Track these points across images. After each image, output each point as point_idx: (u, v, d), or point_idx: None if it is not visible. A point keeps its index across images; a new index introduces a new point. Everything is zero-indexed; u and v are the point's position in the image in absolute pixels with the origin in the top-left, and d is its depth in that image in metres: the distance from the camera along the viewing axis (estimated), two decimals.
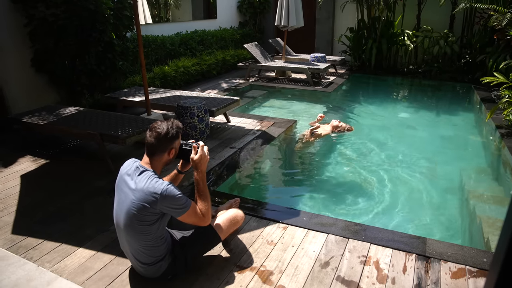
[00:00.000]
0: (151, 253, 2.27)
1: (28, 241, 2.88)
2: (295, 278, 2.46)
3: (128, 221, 2.18)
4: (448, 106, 7.56)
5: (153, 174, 2.22)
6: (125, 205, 2.19)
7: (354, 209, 3.73)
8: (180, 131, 2.32)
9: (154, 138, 2.22)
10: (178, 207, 2.18)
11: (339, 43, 10.83)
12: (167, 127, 2.25)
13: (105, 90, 6.33)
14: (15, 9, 5.29)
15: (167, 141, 2.25)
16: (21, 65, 5.51)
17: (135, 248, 2.27)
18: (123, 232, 2.26)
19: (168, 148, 2.28)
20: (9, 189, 3.72)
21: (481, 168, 4.66)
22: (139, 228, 2.18)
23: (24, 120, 4.60)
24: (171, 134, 2.25)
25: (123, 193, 2.24)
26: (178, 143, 2.34)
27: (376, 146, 5.18)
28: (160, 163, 2.30)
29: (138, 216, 2.14)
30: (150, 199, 2.11)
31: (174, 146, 2.31)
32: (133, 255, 2.32)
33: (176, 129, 2.28)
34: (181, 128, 2.35)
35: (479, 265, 2.54)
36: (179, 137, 2.32)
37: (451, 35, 9.16)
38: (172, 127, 2.27)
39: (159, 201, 2.11)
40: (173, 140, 2.27)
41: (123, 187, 2.25)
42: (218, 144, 4.83)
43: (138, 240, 2.22)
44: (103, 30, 5.82)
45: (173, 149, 2.31)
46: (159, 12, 9.87)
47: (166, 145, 2.26)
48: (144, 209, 2.12)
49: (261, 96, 8.05)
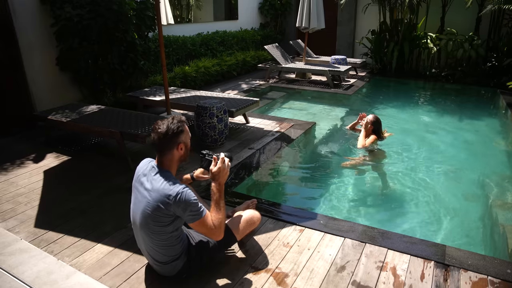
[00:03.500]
0: (166, 252, 2.29)
1: (50, 235, 2.95)
2: (310, 281, 2.44)
3: (144, 221, 2.21)
4: (472, 111, 7.35)
5: (169, 174, 2.22)
6: (141, 205, 2.22)
7: (372, 214, 3.68)
8: (182, 125, 2.26)
9: (157, 138, 2.20)
10: (191, 213, 2.15)
11: (360, 45, 10.71)
12: (167, 124, 2.21)
13: (127, 89, 6.45)
14: (43, 10, 5.46)
15: (171, 138, 2.21)
16: (47, 64, 5.67)
17: (150, 246, 2.30)
18: (139, 230, 2.29)
19: (175, 144, 2.23)
20: (32, 184, 3.82)
21: (505, 175, 4.51)
22: (154, 228, 2.20)
23: (48, 117, 4.73)
24: (173, 131, 2.20)
25: (139, 193, 2.26)
26: (186, 136, 2.29)
27: (397, 150, 5.09)
28: (172, 161, 2.27)
29: (153, 217, 2.16)
30: (165, 201, 2.11)
31: (181, 141, 2.25)
32: (148, 253, 2.35)
33: (177, 124, 2.23)
34: (184, 121, 2.29)
35: (502, 276, 2.46)
36: (183, 130, 2.26)
37: (476, 38, 8.92)
38: (173, 122, 2.22)
39: (174, 204, 2.11)
40: (177, 136, 2.22)
41: (139, 187, 2.27)
42: (236, 144, 4.85)
43: (153, 239, 2.24)
44: (126, 30, 5.93)
45: (181, 143, 2.26)
46: (181, 12, 9.98)
47: (171, 142, 2.21)
48: (159, 210, 2.13)
49: (281, 98, 8.03)
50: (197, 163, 2.55)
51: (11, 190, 3.69)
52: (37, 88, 5.60)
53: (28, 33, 5.37)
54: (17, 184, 3.83)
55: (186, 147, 2.31)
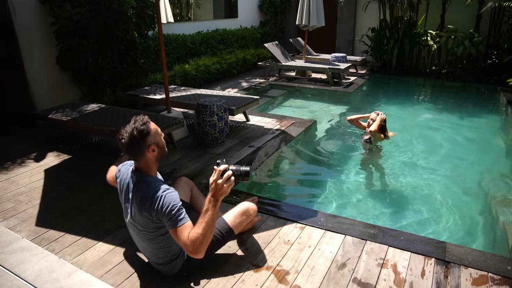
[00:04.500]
0: (164, 254, 2.29)
1: (51, 234, 2.96)
2: (311, 278, 2.45)
3: (135, 228, 2.22)
4: (472, 108, 7.36)
5: (149, 180, 2.15)
6: (128, 211, 2.22)
7: (372, 211, 3.68)
8: (146, 127, 2.10)
9: (124, 148, 2.11)
10: (167, 218, 2.03)
11: (360, 43, 10.70)
12: (130, 131, 2.07)
13: (127, 87, 6.44)
14: (43, 9, 5.45)
15: (138, 144, 2.09)
16: (47, 63, 5.67)
17: (147, 249, 2.31)
18: (134, 234, 2.31)
19: (145, 148, 2.12)
20: (33, 183, 3.83)
21: (506, 172, 4.51)
22: (147, 235, 2.20)
23: (49, 116, 4.73)
24: (136, 138, 2.07)
25: (124, 204, 2.26)
26: (155, 137, 2.15)
27: (397, 148, 5.09)
28: (148, 164, 2.19)
29: (142, 225, 2.16)
30: (147, 208, 2.07)
31: (150, 143, 2.12)
32: (147, 255, 2.37)
33: (140, 128, 2.08)
34: (147, 121, 2.13)
35: (502, 273, 2.46)
36: (149, 133, 2.11)
37: (476, 35, 8.90)
38: (135, 127, 2.08)
39: (155, 210, 2.05)
40: (143, 140, 2.09)
41: (124, 197, 2.26)
42: (237, 142, 4.85)
43: (148, 243, 2.26)
44: (126, 29, 5.93)
45: (151, 145, 2.13)
46: (180, 11, 9.97)
47: (139, 147, 2.10)
48: (145, 218, 2.11)
49: (281, 96, 8.03)
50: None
51: (12, 189, 3.70)
52: (37, 87, 5.60)
53: (28, 32, 5.37)
54: (18, 183, 3.83)
55: (158, 146, 2.19)
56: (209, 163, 4.20)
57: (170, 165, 4.17)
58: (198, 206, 2.92)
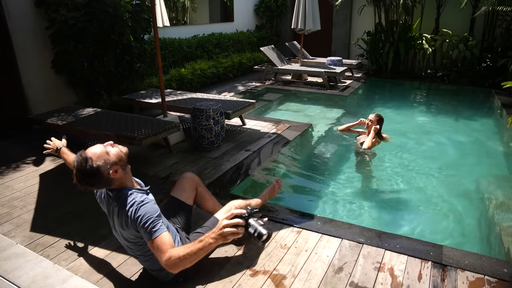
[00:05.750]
0: (156, 262, 2.25)
1: (46, 239, 2.93)
2: (308, 283, 2.44)
3: (121, 239, 2.23)
4: (468, 111, 7.39)
5: (123, 193, 2.09)
6: (112, 225, 2.24)
7: (369, 214, 3.68)
8: (88, 165, 1.97)
9: (89, 188, 2.06)
10: (143, 229, 1.98)
11: (356, 46, 10.75)
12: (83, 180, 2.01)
13: (123, 91, 6.43)
14: (38, 12, 5.43)
15: (99, 182, 2.04)
16: (42, 67, 5.64)
17: (139, 257, 2.31)
18: (125, 246, 2.32)
19: (106, 177, 2.02)
20: (28, 188, 3.80)
21: (502, 175, 4.54)
22: (134, 248, 2.21)
23: (45, 121, 4.71)
24: (91, 181, 2.01)
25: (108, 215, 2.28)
26: (106, 162, 2.02)
27: (393, 152, 5.10)
28: (120, 181, 2.13)
29: (125, 238, 2.17)
30: (124, 222, 2.06)
31: (107, 170, 2.02)
32: (141, 263, 2.37)
33: (87, 170, 1.97)
34: (86, 158, 1.99)
35: (498, 276, 2.47)
36: (98, 168, 1.99)
37: (471, 39, 8.98)
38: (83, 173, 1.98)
39: (131, 222, 2.02)
40: (98, 175, 2.00)
41: (106, 209, 2.27)
42: (233, 146, 4.84)
43: (138, 253, 2.26)
44: (122, 33, 5.92)
45: (110, 171, 2.03)
46: (176, 15, 9.99)
47: (101, 180, 2.03)
48: (126, 231, 2.11)
49: (277, 99, 8.04)
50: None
51: (7, 194, 3.67)
52: (33, 91, 5.57)
53: (23, 36, 5.34)
54: (13, 188, 3.80)
55: (118, 164, 2.07)
56: (205, 167, 4.19)
57: (166, 169, 4.16)
58: (205, 205, 2.92)
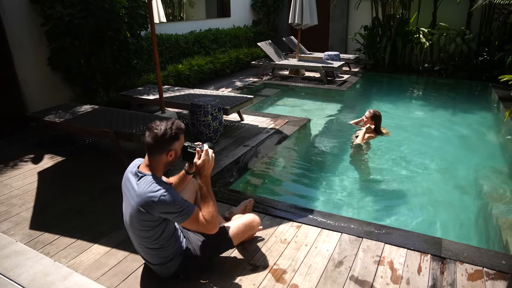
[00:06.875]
0: (159, 254, 2.28)
1: (45, 237, 2.93)
2: (308, 277, 2.45)
3: (132, 225, 2.21)
4: (465, 105, 7.41)
5: (151, 178, 2.14)
6: (128, 208, 2.20)
7: (368, 209, 3.69)
8: (180, 132, 2.18)
9: (151, 138, 2.12)
10: (176, 213, 2.11)
11: (353, 41, 10.74)
12: (165, 127, 2.13)
13: (120, 88, 6.40)
14: (33, 9, 5.39)
15: (165, 142, 2.13)
16: (38, 64, 5.61)
17: (142, 249, 2.30)
18: (130, 232, 2.29)
19: (166, 150, 2.15)
20: (27, 186, 3.79)
21: (499, 168, 4.56)
22: (142, 233, 2.19)
23: (42, 118, 4.68)
24: (169, 135, 2.12)
25: (126, 198, 2.25)
26: (179, 145, 2.21)
27: (391, 145, 5.11)
28: (159, 164, 2.19)
29: (139, 222, 2.15)
30: (147, 205, 2.07)
31: (173, 148, 2.17)
32: (143, 255, 2.36)
33: (175, 130, 2.15)
34: (182, 129, 2.21)
35: (497, 267, 2.49)
36: (179, 139, 2.18)
37: (468, 33, 8.97)
38: (171, 128, 2.14)
39: (156, 208, 2.07)
40: (171, 141, 2.14)
41: (126, 191, 2.24)
42: (231, 142, 4.84)
43: (144, 242, 2.24)
44: (118, 29, 5.88)
45: (172, 151, 2.17)
46: (173, 11, 9.94)
47: (164, 146, 2.14)
48: (143, 215, 2.10)
49: (275, 95, 8.03)
50: None
51: (5, 192, 3.66)
52: (29, 88, 5.53)
53: (19, 32, 5.30)
54: (11, 186, 3.79)
55: (175, 155, 2.22)
56: None
57: None
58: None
